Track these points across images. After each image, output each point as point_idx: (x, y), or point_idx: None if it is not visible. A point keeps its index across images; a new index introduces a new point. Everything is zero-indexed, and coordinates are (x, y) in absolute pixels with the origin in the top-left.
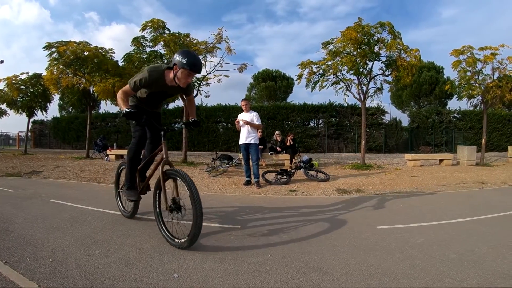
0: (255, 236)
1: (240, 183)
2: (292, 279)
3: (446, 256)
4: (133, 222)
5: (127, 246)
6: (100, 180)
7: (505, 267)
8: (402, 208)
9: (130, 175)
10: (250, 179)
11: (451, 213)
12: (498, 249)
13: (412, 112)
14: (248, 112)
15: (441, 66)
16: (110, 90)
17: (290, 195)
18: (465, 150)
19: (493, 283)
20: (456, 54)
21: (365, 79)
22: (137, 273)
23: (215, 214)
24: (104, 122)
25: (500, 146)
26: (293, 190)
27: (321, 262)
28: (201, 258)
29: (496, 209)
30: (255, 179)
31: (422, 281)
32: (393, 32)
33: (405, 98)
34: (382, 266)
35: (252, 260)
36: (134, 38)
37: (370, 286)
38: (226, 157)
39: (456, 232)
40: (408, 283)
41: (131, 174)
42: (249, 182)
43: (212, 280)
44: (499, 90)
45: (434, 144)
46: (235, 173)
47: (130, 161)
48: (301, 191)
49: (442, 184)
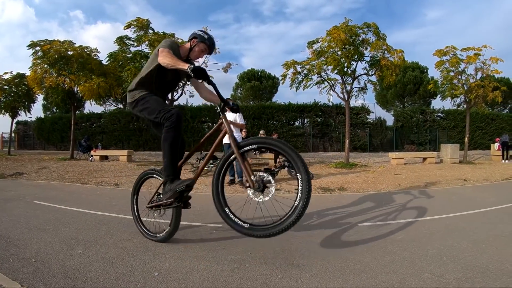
0: (236, 234)
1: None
2: (271, 276)
3: (426, 252)
4: (116, 222)
5: (109, 245)
6: (85, 181)
7: (484, 262)
8: (383, 206)
9: (172, 166)
10: (234, 178)
11: (432, 210)
12: (477, 244)
13: (396, 111)
14: None
15: (425, 66)
16: (95, 90)
17: None
18: (448, 148)
19: (472, 277)
20: (439, 55)
21: (349, 79)
22: (119, 271)
23: (198, 213)
24: (89, 122)
25: (483, 144)
26: (276, 189)
27: (301, 259)
28: (182, 257)
29: (477, 206)
30: (239, 178)
31: (400, 276)
32: (378, 33)
33: (390, 98)
34: (361, 262)
35: (232, 257)
36: (118, 38)
37: (348, 282)
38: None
39: (436, 228)
40: (386, 279)
41: (173, 165)
42: (233, 181)
43: (192, 278)
44: (481, 90)
45: (418, 142)
46: None
47: (170, 147)
48: (284, 189)
49: (424, 181)
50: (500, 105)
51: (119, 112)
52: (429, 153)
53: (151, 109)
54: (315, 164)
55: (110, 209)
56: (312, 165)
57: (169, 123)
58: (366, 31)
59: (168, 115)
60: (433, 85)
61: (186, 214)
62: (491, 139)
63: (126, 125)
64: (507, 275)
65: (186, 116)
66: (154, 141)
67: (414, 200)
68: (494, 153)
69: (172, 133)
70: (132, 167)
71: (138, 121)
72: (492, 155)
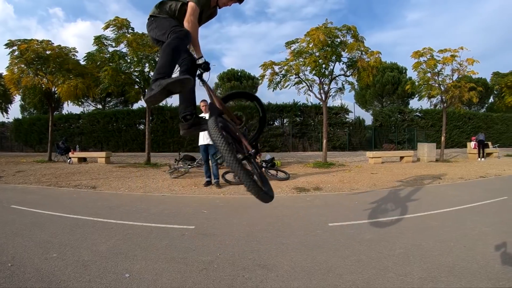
0: (208, 236)
1: (200, 184)
2: (237, 277)
3: (393, 251)
4: (91, 225)
5: (83, 249)
6: (62, 184)
7: (450, 260)
8: (356, 205)
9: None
10: (210, 180)
11: (404, 209)
12: (446, 243)
13: (375, 111)
14: (207, 112)
15: (404, 67)
16: (72, 91)
17: (248, 194)
18: (425, 147)
19: (436, 277)
20: (416, 56)
21: (326, 80)
22: (91, 274)
23: (172, 215)
24: (67, 123)
25: (461, 143)
26: None
27: (268, 260)
28: (153, 258)
29: (450, 204)
30: (215, 179)
31: (365, 276)
32: (356, 36)
33: (369, 98)
34: (327, 262)
35: (201, 259)
36: (96, 37)
37: (313, 282)
38: (189, 158)
39: (406, 227)
40: (350, 278)
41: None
42: (209, 183)
43: (161, 279)
44: (457, 90)
45: (397, 141)
46: (197, 174)
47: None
48: None
49: (400, 180)
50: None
51: (98, 113)
52: (406, 152)
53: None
54: (294, 164)
55: (85, 213)
56: (290, 165)
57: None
58: (345, 34)
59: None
60: (411, 86)
61: (159, 216)
62: (468, 138)
63: (105, 126)
64: (473, 274)
65: (166, 117)
66: (133, 142)
67: (388, 200)
68: (471, 151)
69: (177, 41)
70: (110, 169)
71: (117, 122)
72: (468, 154)
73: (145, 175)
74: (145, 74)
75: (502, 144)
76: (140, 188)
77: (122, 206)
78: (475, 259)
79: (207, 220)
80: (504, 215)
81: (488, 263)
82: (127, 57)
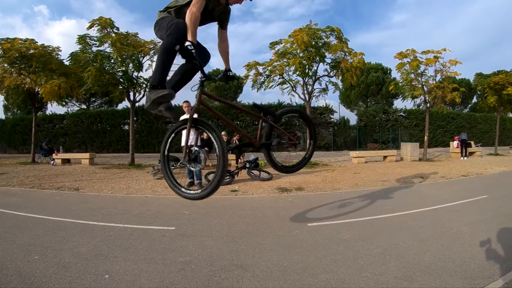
0: (187, 237)
1: (183, 185)
2: (214, 277)
3: (370, 251)
4: (73, 227)
5: (64, 251)
6: (45, 186)
7: (427, 259)
8: (337, 205)
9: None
10: (192, 180)
11: (384, 208)
12: (423, 242)
13: (360, 111)
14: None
15: (388, 68)
16: (56, 91)
17: (230, 195)
18: (408, 147)
19: (412, 276)
20: (400, 57)
21: (310, 80)
22: (72, 275)
23: (153, 216)
24: (51, 124)
25: (444, 142)
26: (234, 190)
27: (246, 260)
28: (133, 259)
29: (429, 203)
30: (197, 180)
31: (340, 275)
32: (340, 37)
33: (353, 98)
34: (304, 262)
35: (180, 259)
36: (80, 37)
37: (288, 282)
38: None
39: (385, 227)
40: (325, 278)
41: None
42: (192, 184)
43: (140, 280)
44: (440, 91)
45: (381, 141)
46: (180, 175)
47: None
48: (242, 191)
49: (382, 180)
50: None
51: (82, 113)
52: (389, 152)
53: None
54: None
55: (68, 215)
56: None
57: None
58: (329, 35)
59: (170, 23)
60: (394, 87)
61: (140, 217)
62: (451, 137)
63: (90, 127)
64: (449, 273)
65: (150, 117)
66: (118, 143)
67: (368, 199)
68: (453, 150)
69: (169, 39)
70: (94, 171)
71: (101, 122)
72: (451, 153)
73: (129, 176)
74: (129, 74)
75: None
76: (123, 190)
77: (104, 208)
78: (452, 258)
79: (187, 221)
80: (483, 214)
81: (465, 262)
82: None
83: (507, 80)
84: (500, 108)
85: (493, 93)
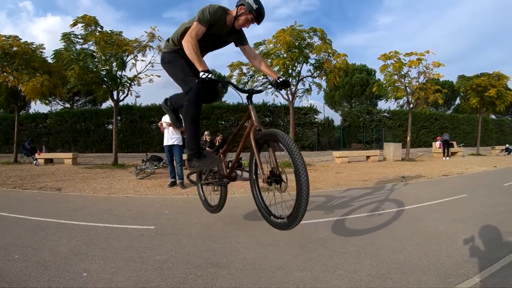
0: (166, 236)
1: (165, 185)
2: (190, 274)
3: (345, 249)
4: (54, 227)
5: (44, 250)
6: (27, 186)
7: (401, 258)
8: (315, 204)
9: (194, 141)
10: (174, 180)
11: (363, 208)
12: (399, 241)
13: (344, 111)
14: None
15: (373, 69)
16: (39, 89)
17: (211, 194)
18: (390, 147)
19: (385, 274)
20: (383, 59)
21: (294, 81)
22: (51, 274)
23: (134, 216)
24: (35, 123)
25: (428, 142)
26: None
27: (221, 258)
28: (111, 258)
29: (409, 202)
30: (179, 180)
31: (314, 273)
32: (324, 38)
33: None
34: (278, 260)
35: (157, 258)
36: (64, 34)
37: (262, 279)
38: (156, 158)
39: (362, 225)
40: (299, 275)
41: (195, 140)
42: (174, 183)
43: (117, 277)
44: (423, 92)
45: (365, 141)
46: (163, 175)
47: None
48: None
49: (363, 179)
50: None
51: (66, 112)
52: (372, 152)
53: (176, 77)
54: None
55: (49, 215)
56: None
57: (188, 98)
58: (312, 36)
59: (186, 88)
60: (377, 88)
61: (121, 217)
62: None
63: (73, 126)
64: (422, 271)
65: (134, 117)
66: (102, 142)
67: (347, 198)
68: (436, 150)
69: (191, 108)
70: (77, 171)
71: (85, 122)
72: (434, 153)
73: (111, 176)
74: (113, 73)
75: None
76: (105, 190)
77: (85, 207)
78: (427, 256)
79: (167, 221)
80: (461, 212)
81: (440, 260)
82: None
83: (489, 82)
84: (482, 109)
85: (475, 95)
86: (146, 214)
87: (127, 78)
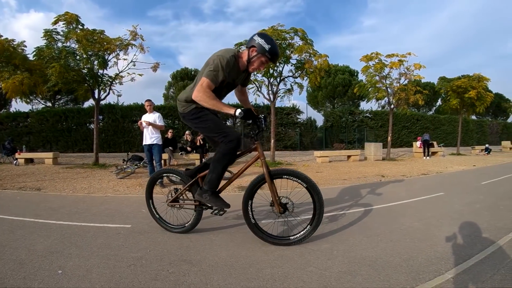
0: (141, 234)
1: (145, 184)
2: (162, 271)
3: (318, 246)
4: (32, 226)
5: (21, 248)
6: (6, 186)
7: (373, 255)
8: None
9: (217, 182)
10: None
11: (340, 206)
12: (372, 238)
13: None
14: (152, 113)
15: (355, 70)
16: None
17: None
18: (371, 147)
19: (356, 270)
20: (365, 60)
21: (275, 81)
22: (26, 271)
23: (110, 215)
24: (15, 122)
25: (409, 143)
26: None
27: (195, 255)
28: (86, 256)
29: (386, 200)
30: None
31: (285, 270)
32: (305, 38)
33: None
34: (250, 257)
35: (132, 255)
36: (46, 31)
37: (232, 275)
38: (137, 158)
39: (337, 223)
40: (270, 272)
41: (218, 182)
42: None
43: (91, 274)
44: (403, 93)
45: (347, 141)
46: (144, 174)
47: (224, 167)
48: None
49: (343, 178)
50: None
51: (47, 111)
52: (353, 151)
53: (210, 129)
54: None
55: (28, 214)
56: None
57: (228, 149)
58: (293, 36)
59: (227, 139)
60: (358, 89)
61: (98, 216)
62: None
63: (55, 125)
64: (393, 268)
65: (116, 116)
66: (83, 142)
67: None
68: (416, 150)
69: (228, 157)
70: (57, 171)
71: (67, 121)
72: (414, 153)
73: (92, 176)
74: (94, 71)
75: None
76: (85, 189)
77: (64, 207)
78: (399, 253)
79: (144, 219)
80: (436, 210)
81: (412, 257)
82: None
83: (469, 84)
84: (462, 110)
85: (455, 96)
86: (124, 213)
87: (109, 76)
